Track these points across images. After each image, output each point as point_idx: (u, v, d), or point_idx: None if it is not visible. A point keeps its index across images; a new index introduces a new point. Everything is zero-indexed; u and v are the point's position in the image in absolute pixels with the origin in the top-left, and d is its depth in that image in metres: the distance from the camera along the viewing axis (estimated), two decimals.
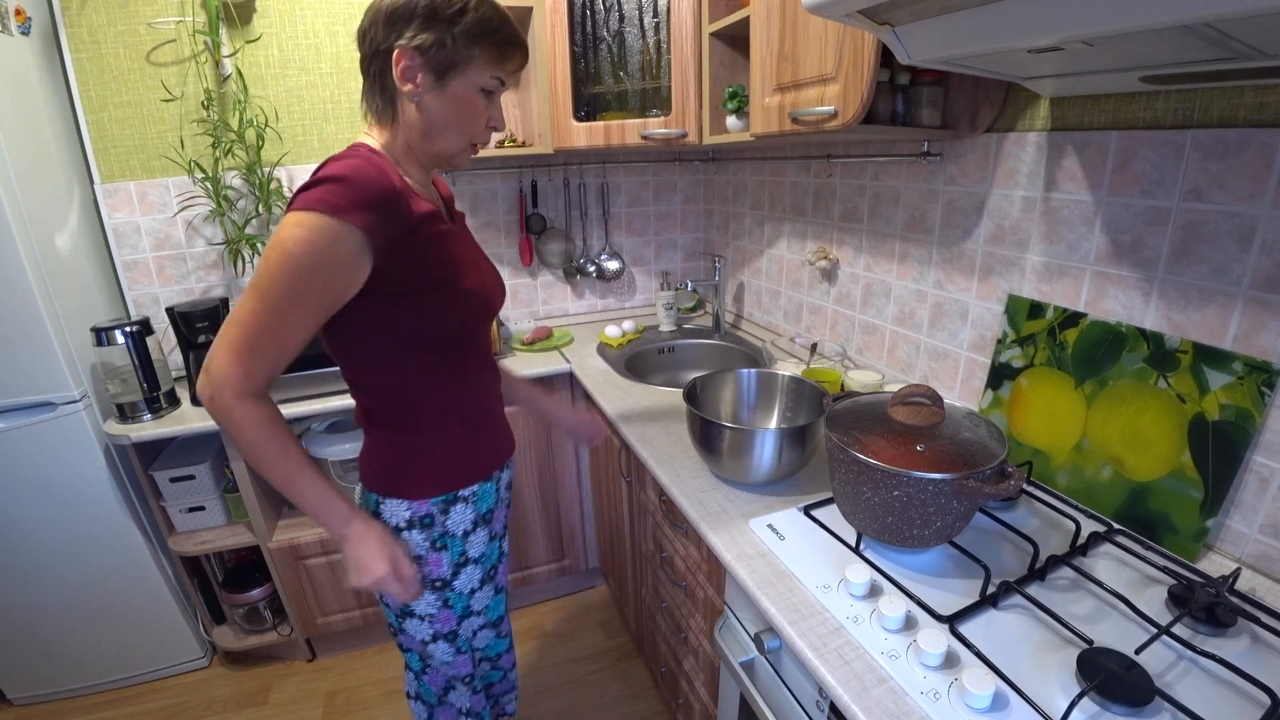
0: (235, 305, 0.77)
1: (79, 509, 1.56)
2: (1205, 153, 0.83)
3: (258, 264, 0.78)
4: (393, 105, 0.83)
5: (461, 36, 0.79)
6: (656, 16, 1.53)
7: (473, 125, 0.85)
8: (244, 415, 0.76)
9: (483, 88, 0.83)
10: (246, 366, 0.75)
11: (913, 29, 0.73)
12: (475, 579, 1.01)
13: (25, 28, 1.46)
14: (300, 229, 0.72)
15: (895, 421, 0.88)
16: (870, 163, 1.41)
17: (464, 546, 0.98)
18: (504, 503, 1.08)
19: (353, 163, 0.76)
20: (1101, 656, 0.68)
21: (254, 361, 0.75)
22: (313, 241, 0.72)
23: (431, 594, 0.98)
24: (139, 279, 1.77)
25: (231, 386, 0.75)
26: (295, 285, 0.73)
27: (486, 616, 1.07)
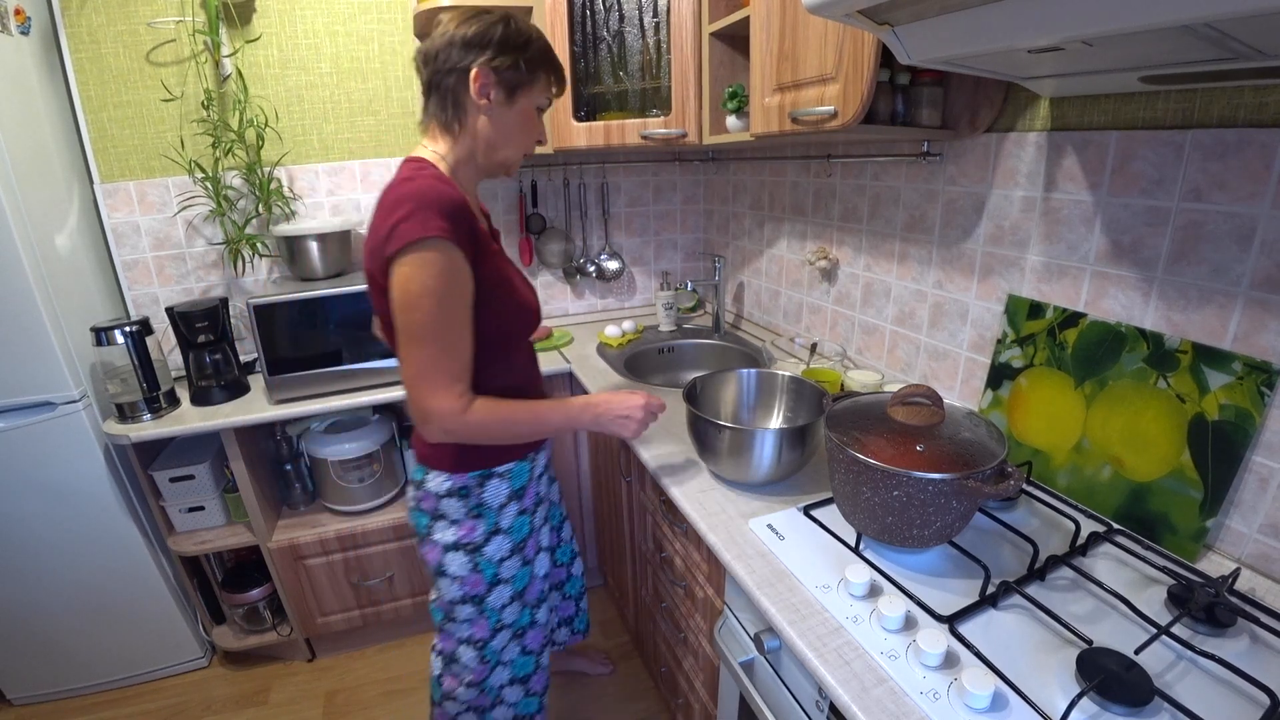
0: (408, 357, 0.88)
1: (79, 509, 1.56)
2: (1205, 153, 0.83)
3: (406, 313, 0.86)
4: (461, 118, 0.94)
5: (528, 62, 0.93)
6: (656, 16, 1.53)
7: (528, 138, 0.99)
8: (477, 422, 0.91)
9: (538, 106, 0.98)
10: (455, 393, 0.89)
11: (913, 29, 0.73)
12: (505, 548, 1.10)
13: (25, 28, 1.46)
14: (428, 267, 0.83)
15: (895, 421, 0.88)
16: (870, 163, 1.41)
17: (497, 518, 1.08)
18: (540, 479, 1.17)
19: (421, 184, 0.86)
20: (1101, 656, 0.68)
21: (457, 386, 0.89)
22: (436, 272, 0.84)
23: (464, 556, 1.07)
24: (139, 279, 1.77)
25: (456, 416, 0.89)
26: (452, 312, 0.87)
27: (514, 586, 1.13)
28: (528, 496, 1.13)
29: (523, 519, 1.13)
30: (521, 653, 1.20)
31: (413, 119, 1.88)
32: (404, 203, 0.83)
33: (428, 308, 0.84)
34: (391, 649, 1.91)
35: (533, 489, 1.15)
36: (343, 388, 1.63)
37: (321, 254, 1.69)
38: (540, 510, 1.18)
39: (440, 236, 0.82)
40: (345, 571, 1.75)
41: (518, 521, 1.11)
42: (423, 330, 0.85)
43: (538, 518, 1.17)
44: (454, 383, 0.88)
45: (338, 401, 1.60)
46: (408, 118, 1.87)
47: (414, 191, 0.84)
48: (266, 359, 1.55)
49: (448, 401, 0.88)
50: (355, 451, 1.71)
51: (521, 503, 1.11)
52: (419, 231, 0.81)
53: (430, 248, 0.82)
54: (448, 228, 0.83)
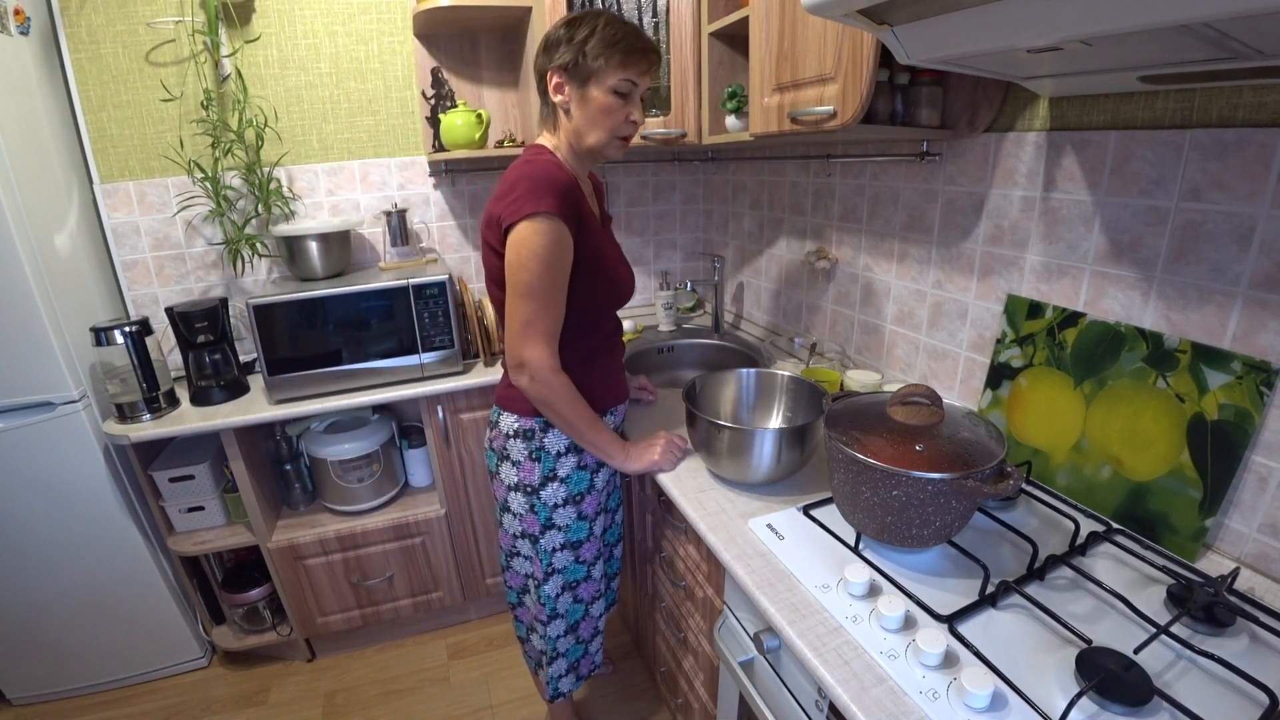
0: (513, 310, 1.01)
1: (78, 509, 1.56)
2: (1204, 152, 0.83)
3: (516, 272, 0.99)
4: (554, 114, 1.06)
5: (590, 52, 0.98)
6: (656, 16, 1.53)
7: (611, 120, 1.02)
8: (551, 386, 1.03)
9: (614, 89, 1.00)
10: (549, 349, 1.02)
11: (912, 29, 0.73)
12: (559, 496, 1.17)
13: (24, 28, 1.46)
14: (539, 235, 0.96)
15: (894, 421, 0.88)
16: (869, 162, 1.41)
17: (555, 464, 1.16)
18: None
19: (536, 164, 1.00)
20: (1100, 656, 0.68)
21: (551, 343, 1.02)
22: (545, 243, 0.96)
23: (522, 496, 1.18)
24: (138, 279, 1.77)
25: (543, 369, 1.02)
26: (555, 276, 0.99)
27: (568, 535, 1.20)
28: (588, 455, 1.18)
29: (582, 474, 1.18)
30: (574, 601, 1.28)
31: (412, 119, 1.88)
32: (522, 182, 0.97)
33: (535, 269, 0.97)
34: (391, 649, 1.91)
35: None
36: (343, 388, 1.63)
37: (321, 254, 1.69)
38: (604, 472, 1.23)
39: (549, 211, 0.95)
40: (345, 571, 1.75)
41: (576, 474, 1.17)
42: (528, 289, 0.98)
43: (600, 478, 1.22)
44: (548, 339, 1.02)
45: (338, 401, 1.60)
46: (407, 117, 1.87)
47: (531, 173, 0.98)
48: (266, 359, 1.55)
49: (541, 353, 1.01)
50: (355, 451, 1.71)
51: (581, 457, 1.17)
52: (532, 206, 0.95)
53: (540, 219, 0.95)
54: (556, 204, 0.96)
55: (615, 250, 1.18)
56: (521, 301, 0.99)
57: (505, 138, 1.88)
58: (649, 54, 1.02)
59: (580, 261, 1.03)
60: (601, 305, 1.13)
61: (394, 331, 1.63)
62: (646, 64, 1.02)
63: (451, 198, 1.98)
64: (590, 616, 1.33)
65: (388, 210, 1.87)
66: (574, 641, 1.33)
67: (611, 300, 1.15)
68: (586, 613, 1.32)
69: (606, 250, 1.12)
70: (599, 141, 1.04)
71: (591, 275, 1.06)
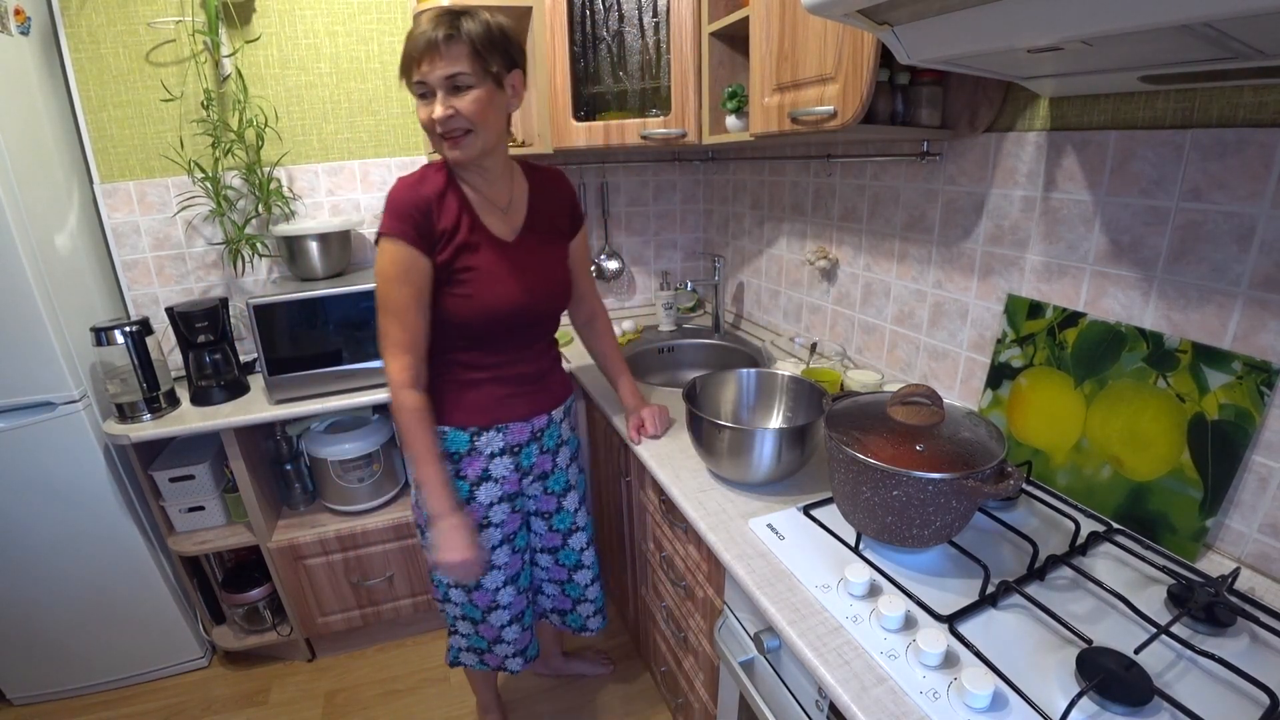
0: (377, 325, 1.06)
1: (78, 509, 1.56)
2: (1204, 152, 0.83)
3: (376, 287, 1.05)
4: None
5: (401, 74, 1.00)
6: (656, 16, 1.53)
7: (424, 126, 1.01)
8: (400, 405, 1.05)
9: (416, 96, 1.00)
10: (401, 363, 1.04)
11: (912, 29, 0.73)
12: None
13: (25, 28, 1.46)
14: (381, 254, 1.02)
15: (895, 421, 0.88)
16: (870, 162, 1.41)
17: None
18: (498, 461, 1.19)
19: (395, 184, 1.04)
20: (1101, 656, 0.68)
21: (404, 356, 1.04)
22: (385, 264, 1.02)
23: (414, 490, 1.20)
24: (138, 279, 1.77)
25: (394, 382, 1.05)
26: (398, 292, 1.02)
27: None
28: (467, 465, 1.17)
29: (459, 483, 1.17)
30: (469, 603, 1.27)
31: (412, 119, 1.88)
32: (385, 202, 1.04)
33: (380, 285, 1.03)
34: (391, 649, 1.91)
35: (476, 464, 1.17)
36: (343, 388, 1.63)
37: (321, 254, 1.69)
38: (489, 488, 1.19)
39: (386, 233, 1.01)
40: (345, 571, 1.75)
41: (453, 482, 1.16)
42: (380, 303, 1.04)
43: (482, 493, 1.19)
44: (401, 353, 1.04)
45: (338, 401, 1.60)
46: (407, 117, 1.87)
47: (388, 193, 1.03)
48: (266, 359, 1.55)
49: (391, 366, 1.05)
50: (355, 451, 1.71)
51: (456, 466, 1.16)
52: (380, 227, 1.03)
53: (383, 240, 1.02)
54: (393, 224, 1.00)
55: (511, 265, 1.09)
56: (378, 315, 1.04)
57: None
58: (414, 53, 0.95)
59: (440, 279, 1.04)
60: (470, 325, 1.08)
61: None
62: (412, 63, 0.95)
63: None
64: (490, 624, 1.30)
65: None
66: (473, 632, 1.32)
67: (481, 318, 1.08)
68: (484, 619, 1.29)
69: (487, 266, 1.07)
70: (436, 148, 1.03)
71: (454, 292, 1.05)
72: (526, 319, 1.14)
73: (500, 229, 1.10)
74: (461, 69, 0.94)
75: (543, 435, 1.24)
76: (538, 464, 1.25)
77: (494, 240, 1.09)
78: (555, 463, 1.29)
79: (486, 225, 1.08)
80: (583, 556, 1.40)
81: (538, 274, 1.14)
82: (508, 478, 1.21)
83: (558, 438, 1.28)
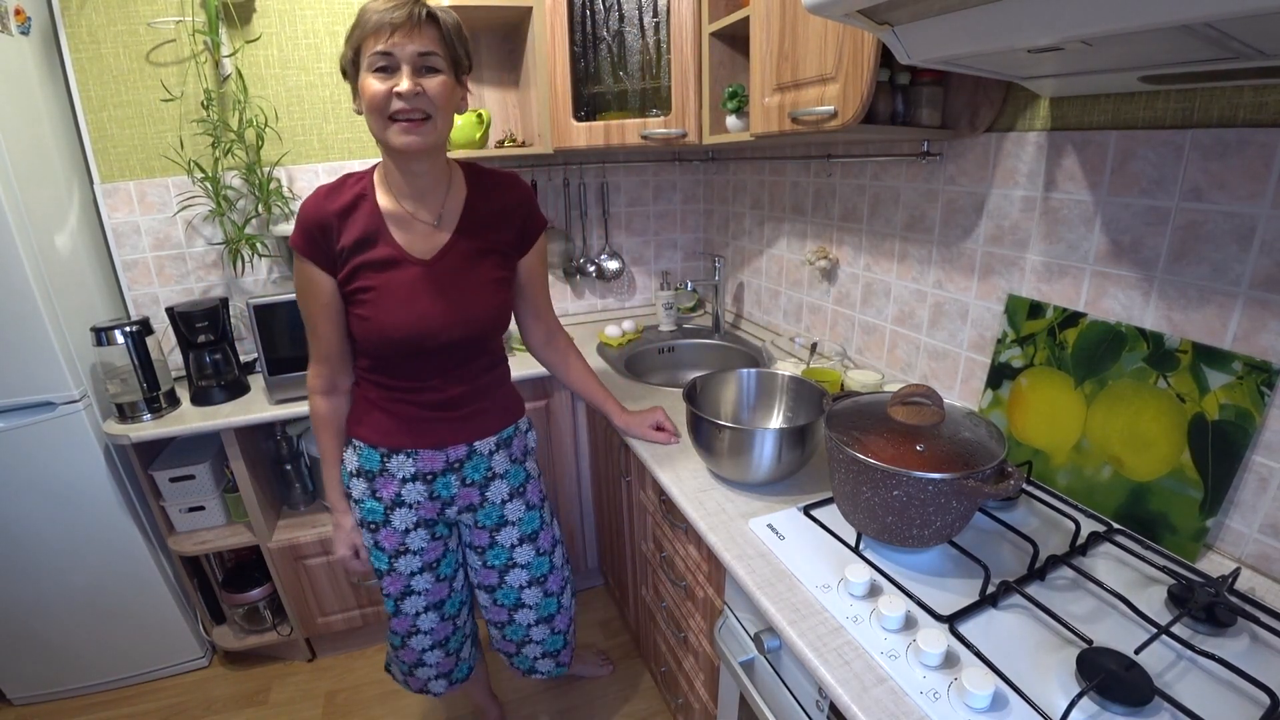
0: None
1: (79, 509, 1.56)
2: (1205, 152, 0.83)
3: None
4: None
5: (349, 44, 0.91)
6: (656, 16, 1.53)
7: (372, 106, 0.90)
8: (316, 407, 1.11)
9: (371, 69, 0.89)
10: (315, 371, 1.09)
11: (912, 29, 0.73)
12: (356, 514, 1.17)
13: (25, 28, 1.46)
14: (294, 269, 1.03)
15: (895, 421, 0.88)
16: (870, 162, 1.41)
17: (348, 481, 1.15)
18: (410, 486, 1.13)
19: (313, 192, 1.00)
20: (1101, 656, 0.68)
21: (318, 366, 1.09)
22: (295, 273, 1.03)
23: None
24: (139, 279, 1.77)
25: (310, 387, 1.11)
26: (304, 306, 1.04)
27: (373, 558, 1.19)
28: (381, 487, 1.12)
29: (373, 504, 1.14)
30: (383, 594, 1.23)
31: None
32: None
33: (298, 298, 1.04)
34: None
35: (390, 486, 1.12)
36: None
37: None
38: (403, 514, 1.14)
39: (293, 246, 1.00)
40: (345, 571, 1.75)
41: (368, 502, 1.14)
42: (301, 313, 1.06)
43: (397, 518, 1.14)
44: (315, 361, 1.08)
45: None
46: None
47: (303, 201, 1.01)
48: (266, 359, 1.55)
49: (309, 369, 1.09)
50: None
51: (371, 484, 1.13)
52: None
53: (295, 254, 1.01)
54: (296, 240, 0.99)
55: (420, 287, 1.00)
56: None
57: (505, 137, 1.89)
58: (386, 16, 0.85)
59: (343, 296, 1.02)
60: (370, 346, 1.03)
61: None
62: (390, 24, 0.86)
63: None
64: (410, 648, 1.27)
65: None
66: (395, 652, 1.31)
67: (380, 342, 1.01)
68: (404, 643, 1.26)
69: (390, 287, 0.99)
70: (378, 132, 0.92)
71: (351, 313, 1.02)
72: (436, 345, 1.03)
73: (418, 246, 1.01)
74: (435, 49, 0.89)
75: (462, 467, 1.14)
76: (460, 495, 1.16)
77: (406, 259, 1.00)
78: (485, 496, 1.19)
79: (400, 242, 1.00)
80: (523, 596, 1.28)
81: (458, 297, 1.03)
82: (422, 504, 1.14)
83: (485, 471, 1.17)
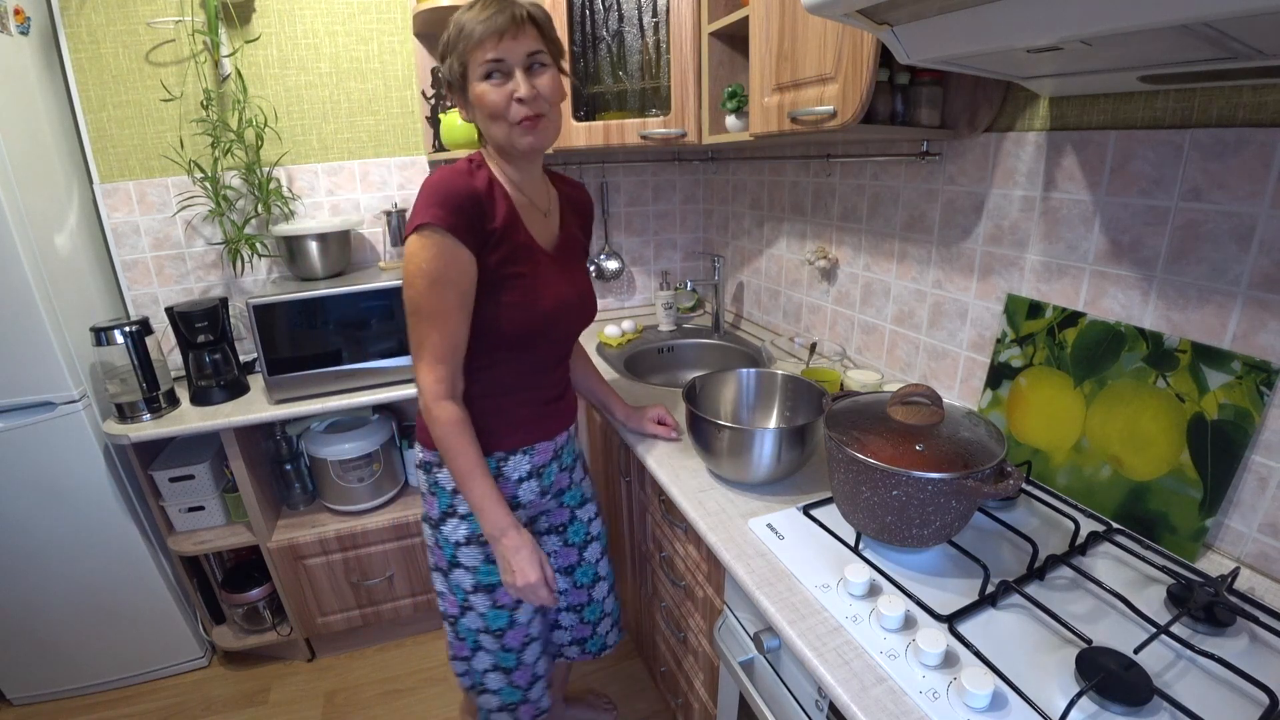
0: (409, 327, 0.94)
1: (78, 509, 1.56)
2: (1204, 152, 0.83)
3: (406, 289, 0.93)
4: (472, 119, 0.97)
5: (454, 57, 0.91)
6: (656, 16, 1.53)
7: (496, 110, 0.91)
8: (436, 419, 0.94)
9: (483, 77, 0.89)
10: (437, 374, 0.93)
11: (912, 29, 0.73)
12: (460, 534, 1.07)
13: (24, 27, 1.46)
14: (423, 249, 0.89)
15: (894, 421, 0.88)
16: (869, 162, 1.41)
17: (451, 500, 1.06)
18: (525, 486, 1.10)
19: (439, 173, 0.91)
20: (1100, 656, 0.68)
21: (440, 367, 0.93)
22: (426, 259, 0.89)
23: (429, 529, 1.10)
24: (138, 279, 1.77)
25: (430, 394, 0.94)
26: (443, 294, 0.90)
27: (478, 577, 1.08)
28: None
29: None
30: (501, 649, 1.13)
31: (412, 118, 1.88)
32: (421, 191, 0.91)
33: (420, 286, 0.90)
34: (391, 649, 1.91)
35: (504, 491, 1.06)
36: (342, 388, 1.63)
37: (321, 254, 1.69)
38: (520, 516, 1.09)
39: (433, 223, 0.88)
40: (345, 571, 1.75)
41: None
42: (415, 307, 0.92)
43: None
44: (437, 363, 0.93)
45: (337, 401, 1.60)
46: (407, 117, 1.87)
47: (431, 181, 0.91)
48: (266, 359, 1.55)
49: (427, 377, 0.94)
50: (355, 451, 1.71)
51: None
52: (418, 218, 0.89)
53: (426, 232, 0.88)
54: (444, 215, 0.88)
55: (553, 275, 1.02)
56: (411, 320, 0.93)
57: None
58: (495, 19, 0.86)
59: (487, 283, 0.94)
60: (517, 335, 0.99)
61: (394, 331, 1.63)
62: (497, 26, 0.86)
63: None
64: (524, 664, 1.17)
65: (388, 210, 1.87)
66: (505, 682, 1.17)
67: (530, 331, 1.00)
68: (519, 660, 1.16)
69: (536, 274, 0.99)
70: (498, 135, 0.93)
71: (501, 300, 0.96)
72: (570, 331, 1.09)
73: (543, 237, 1.03)
74: (540, 47, 0.90)
75: (562, 452, 1.16)
76: (557, 481, 1.17)
77: (539, 248, 1.01)
78: (572, 479, 1.21)
79: (531, 231, 1.00)
80: (598, 568, 1.30)
81: (579, 283, 1.09)
82: (534, 502, 1.13)
83: (574, 452, 1.22)
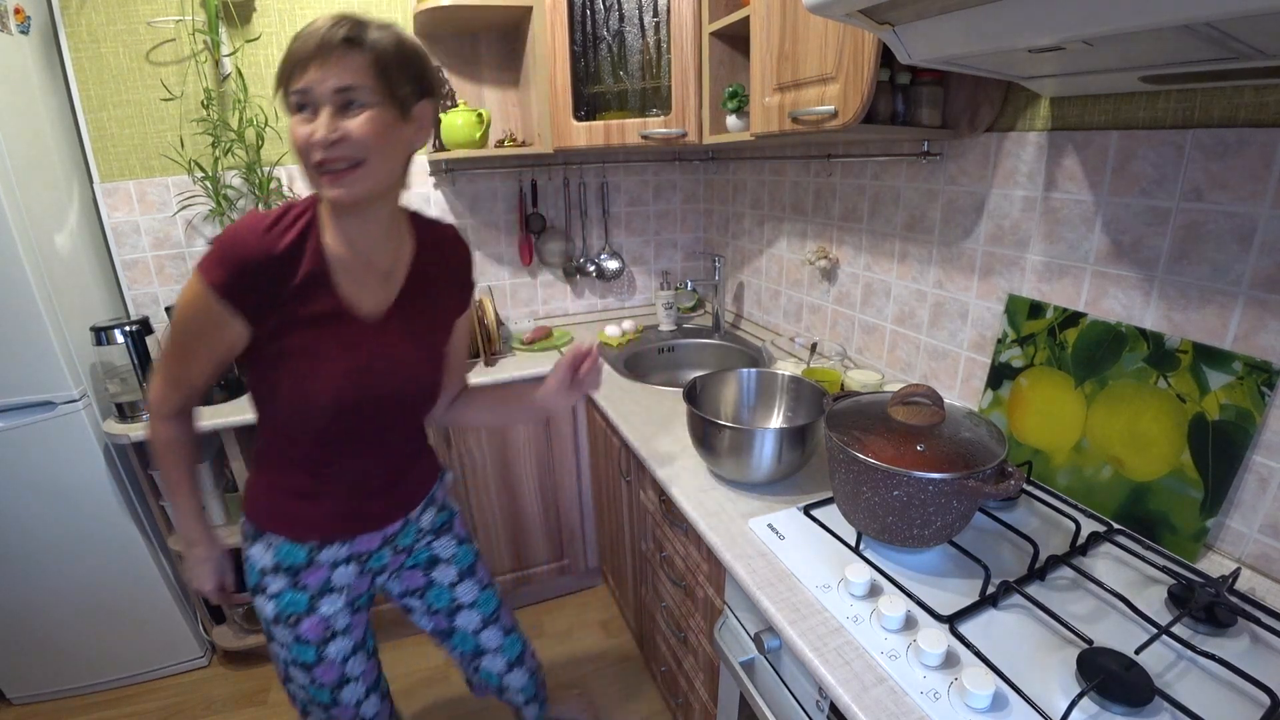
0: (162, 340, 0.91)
1: (78, 508, 1.56)
2: (1205, 152, 0.83)
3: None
4: None
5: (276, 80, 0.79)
6: (656, 16, 1.53)
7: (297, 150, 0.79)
8: (154, 436, 0.93)
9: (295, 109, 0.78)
10: (163, 394, 0.90)
11: (913, 29, 0.73)
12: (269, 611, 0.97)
13: (25, 27, 1.45)
14: (189, 289, 0.82)
15: (895, 421, 0.88)
16: (870, 162, 1.41)
17: (260, 579, 0.96)
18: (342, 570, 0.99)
19: (244, 221, 0.81)
20: (1101, 656, 0.68)
21: (171, 392, 0.90)
22: (189, 300, 0.82)
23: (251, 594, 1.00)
24: (138, 278, 1.77)
25: (152, 410, 0.92)
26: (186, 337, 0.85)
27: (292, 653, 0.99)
28: (308, 577, 0.96)
29: (294, 596, 0.96)
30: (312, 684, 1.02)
31: None
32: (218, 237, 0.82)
33: (178, 321, 0.85)
34: (391, 649, 1.91)
35: (318, 574, 0.97)
36: None
37: None
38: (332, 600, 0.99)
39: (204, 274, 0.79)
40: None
41: (288, 595, 0.96)
42: (171, 328, 0.87)
43: (325, 605, 0.98)
44: (170, 386, 0.89)
45: None
46: None
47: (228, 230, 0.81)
48: None
49: (157, 392, 0.90)
50: None
51: (295, 578, 0.96)
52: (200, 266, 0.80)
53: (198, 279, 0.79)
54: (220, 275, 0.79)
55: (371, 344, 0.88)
56: (166, 335, 0.88)
57: (505, 137, 1.89)
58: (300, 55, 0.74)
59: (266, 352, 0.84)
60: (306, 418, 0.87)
61: None
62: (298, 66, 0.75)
63: (452, 197, 1.98)
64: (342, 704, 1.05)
65: None
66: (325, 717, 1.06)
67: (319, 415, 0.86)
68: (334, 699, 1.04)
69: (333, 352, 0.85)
70: (310, 183, 0.80)
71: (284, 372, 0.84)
72: (379, 415, 0.92)
73: (366, 302, 0.88)
74: (358, 82, 0.75)
75: (395, 538, 1.05)
76: (390, 563, 1.08)
77: (351, 317, 0.87)
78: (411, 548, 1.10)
79: (345, 296, 0.86)
80: (481, 640, 1.19)
81: (403, 362, 0.92)
82: (354, 584, 1.02)
83: (414, 534, 1.08)
